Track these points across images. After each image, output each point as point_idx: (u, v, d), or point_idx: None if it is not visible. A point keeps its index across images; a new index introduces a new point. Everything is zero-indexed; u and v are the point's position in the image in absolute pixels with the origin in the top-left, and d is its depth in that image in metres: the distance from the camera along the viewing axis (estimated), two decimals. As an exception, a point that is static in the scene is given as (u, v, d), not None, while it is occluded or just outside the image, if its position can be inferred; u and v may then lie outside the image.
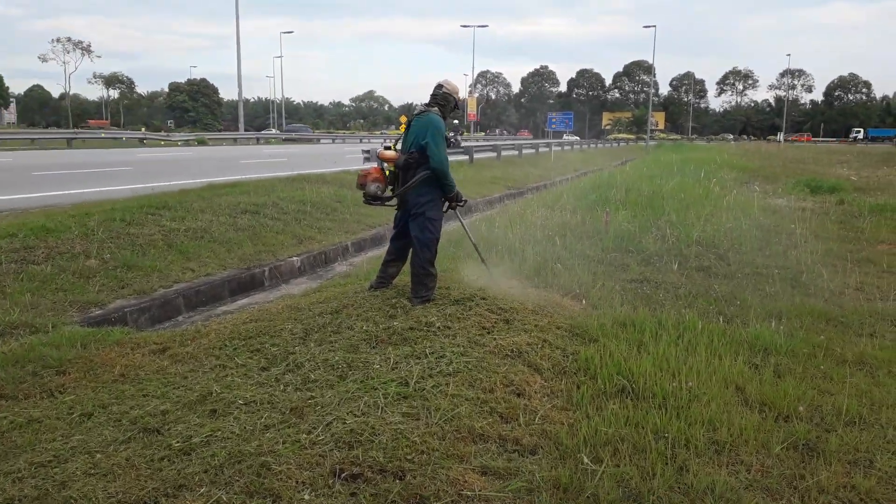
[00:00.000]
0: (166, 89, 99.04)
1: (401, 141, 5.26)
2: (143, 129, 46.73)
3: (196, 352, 4.27)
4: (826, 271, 6.82)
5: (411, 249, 5.07)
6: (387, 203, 5.28)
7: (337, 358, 3.94)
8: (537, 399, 3.56)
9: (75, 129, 44.43)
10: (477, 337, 4.28)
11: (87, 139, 33.31)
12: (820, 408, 3.51)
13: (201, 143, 35.98)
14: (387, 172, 5.23)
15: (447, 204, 5.16)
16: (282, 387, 3.62)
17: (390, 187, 5.23)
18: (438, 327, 4.37)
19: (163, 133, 37.02)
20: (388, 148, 5.33)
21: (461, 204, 5.23)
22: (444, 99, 5.07)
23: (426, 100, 5.26)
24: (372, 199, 5.22)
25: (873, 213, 11.48)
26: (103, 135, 33.05)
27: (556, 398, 3.59)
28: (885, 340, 4.70)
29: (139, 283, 6.18)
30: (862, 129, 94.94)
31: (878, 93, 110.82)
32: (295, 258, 7.93)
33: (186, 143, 35.58)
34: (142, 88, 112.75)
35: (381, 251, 9.47)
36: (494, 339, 4.27)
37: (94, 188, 12.44)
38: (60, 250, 6.53)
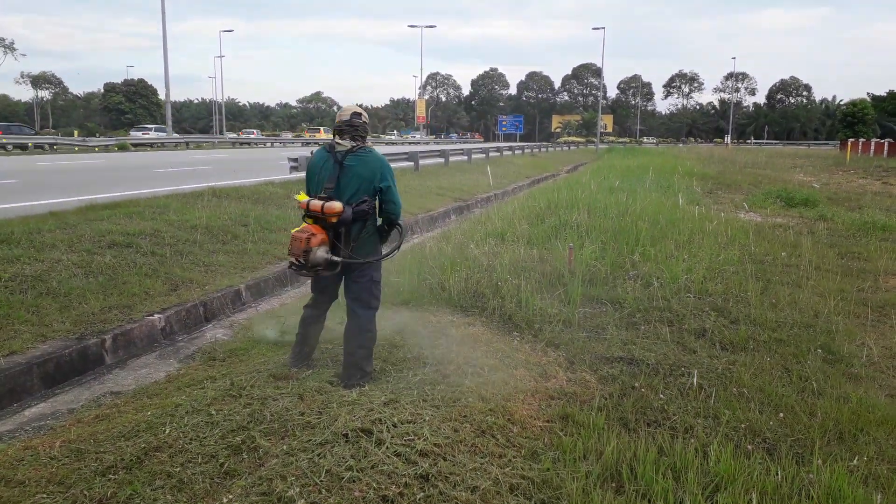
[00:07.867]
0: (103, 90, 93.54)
1: (312, 184, 3.93)
2: (58, 133, 42.85)
3: None
4: (857, 329, 5.21)
5: (346, 324, 4.01)
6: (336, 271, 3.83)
7: None
8: None
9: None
10: (366, 530, 2.39)
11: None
12: None
13: (122, 148, 32.71)
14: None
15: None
16: None
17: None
18: (299, 510, 2.47)
19: (77, 138, 33.56)
20: (321, 198, 3.71)
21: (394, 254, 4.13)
22: (365, 130, 4.00)
23: (359, 100, 3.67)
24: (320, 269, 3.69)
25: (862, 232, 10.25)
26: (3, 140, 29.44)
27: None
28: None
29: None
30: None
31: (818, 96, 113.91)
32: (158, 315, 5.85)
33: (106, 148, 32.40)
34: (78, 89, 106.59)
35: (286, 297, 7.44)
36: (397, 532, 2.39)
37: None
38: None
